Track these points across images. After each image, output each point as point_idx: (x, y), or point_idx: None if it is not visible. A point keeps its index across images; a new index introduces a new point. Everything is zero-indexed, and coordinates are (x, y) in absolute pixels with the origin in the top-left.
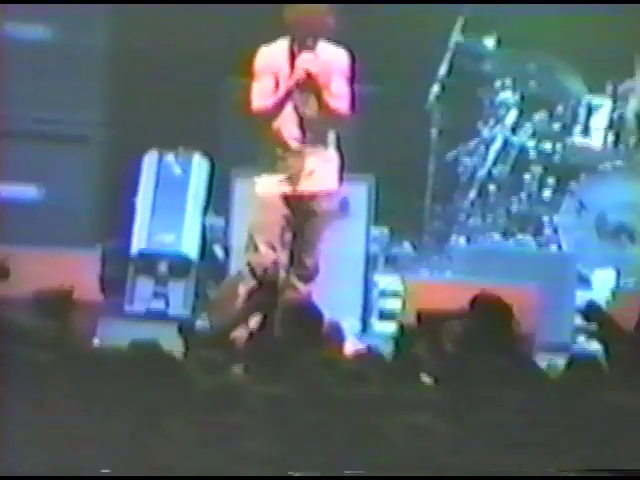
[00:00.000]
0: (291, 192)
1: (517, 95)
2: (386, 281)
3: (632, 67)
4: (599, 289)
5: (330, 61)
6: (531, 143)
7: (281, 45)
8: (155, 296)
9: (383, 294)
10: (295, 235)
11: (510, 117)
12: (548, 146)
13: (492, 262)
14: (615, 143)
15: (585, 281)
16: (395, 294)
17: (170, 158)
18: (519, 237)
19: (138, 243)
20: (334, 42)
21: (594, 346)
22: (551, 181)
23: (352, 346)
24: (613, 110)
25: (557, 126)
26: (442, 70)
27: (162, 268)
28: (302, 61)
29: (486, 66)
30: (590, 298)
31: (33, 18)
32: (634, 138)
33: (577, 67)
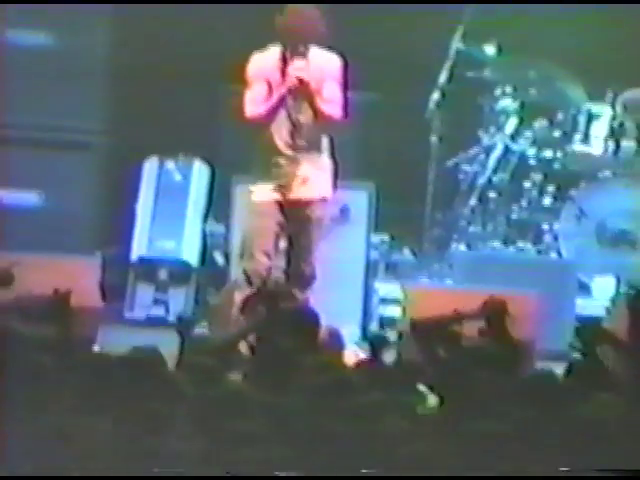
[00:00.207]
0: (285, 199)
1: (517, 103)
2: (386, 288)
3: (632, 75)
4: (599, 297)
5: (322, 66)
6: (531, 151)
7: (273, 52)
8: (155, 303)
9: (383, 301)
10: (291, 242)
11: (510, 125)
12: (548, 154)
13: (492, 269)
14: (615, 151)
15: (585, 289)
16: (395, 301)
17: (170, 165)
18: (519, 244)
19: (138, 249)
20: (330, 48)
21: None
22: (551, 189)
23: (354, 355)
24: (613, 118)
25: (557, 134)
26: (442, 77)
27: (162, 275)
28: (294, 68)
29: (486, 73)
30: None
31: (35, 25)
32: (634, 146)
33: (577, 75)
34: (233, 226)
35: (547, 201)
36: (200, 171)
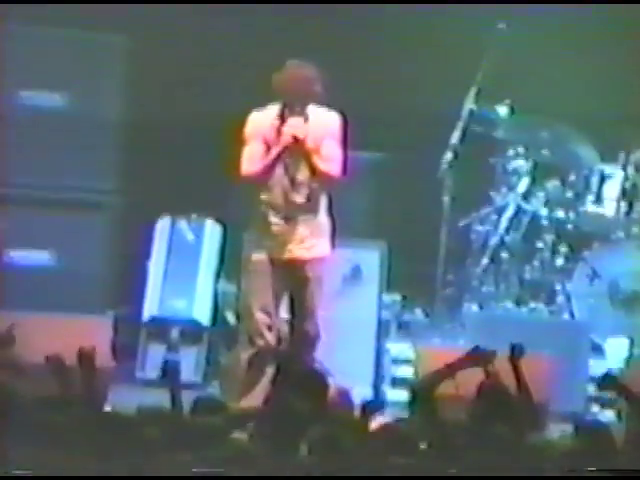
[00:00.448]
0: (282, 258)
1: (530, 163)
2: (398, 348)
3: None
4: (612, 358)
5: (321, 124)
6: (544, 211)
7: (271, 110)
8: (166, 362)
9: (395, 361)
10: (292, 301)
11: (522, 185)
12: (561, 214)
13: (505, 330)
14: (628, 212)
15: (598, 350)
16: (407, 361)
17: (183, 224)
18: (532, 305)
19: (150, 309)
20: (336, 106)
21: (608, 415)
22: (564, 249)
23: (377, 420)
24: (625, 179)
25: (570, 194)
26: (455, 137)
27: (174, 334)
28: (289, 126)
29: (499, 134)
30: (608, 368)
31: (47, 86)
32: None
33: (589, 136)
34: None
35: (559, 261)
36: (212, 230)
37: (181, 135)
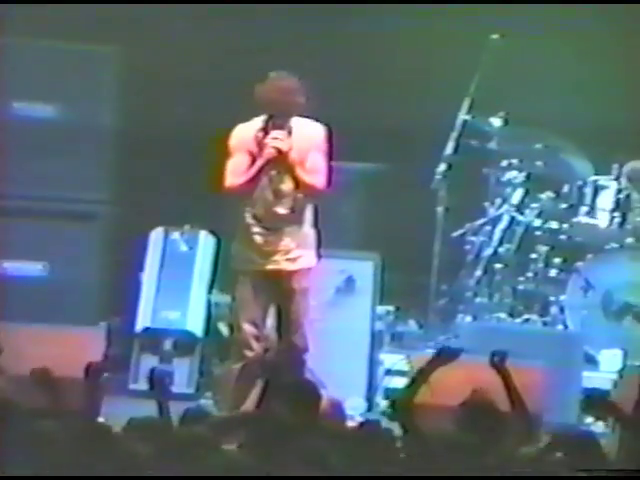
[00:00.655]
0: (268, 270)
1: (523, 174)
2: (391, 359)
3: (638, 148)
4: (606, 369)
5: (306, 137)
6: (537, 222)
7: (256, 123)
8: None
9: (388, 372)
10: (280, 312)
11: (516, 196)
12: (554, 225)
13: (498, 341)
14: (621, 223)
15: (592, 361)
16: (401, 372)
17: (176, 235)
18: (525, 316)
19: (143, 320)
20: (323, 119)
21: (601, 427)
22: (557, 260)
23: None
24: (619, 191)
25: (563, 206)
26: (449, 148)
27: (167, 345)
28: (272, 139)
29: (493, 145)
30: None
31: (39, 98)
32: None
33: (583, 147)
34: None
35: (553, 273)
36: (205, 241)
37: (174, 146)
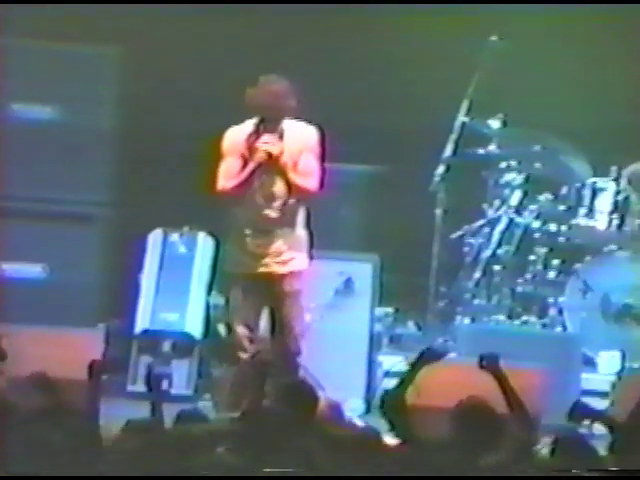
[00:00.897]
0: (260, 272)
1: (522, 176)
2: (390, 361)
3: (637, 150)
4: (604, 371)
5: (298, 139)
6: (536, 224)
7: (248, 126)
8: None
9: (387, 374)
10: (273, 315)
11: (515, 198)
12: (553, 227)
13: (497, 343)
14: (620, 225)
15: (590, 363)
16: (399, 374)
17: (175, 237)
18: (524, 318)
19: (142, 322)
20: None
21: (600, 429)
22: (556, 262)
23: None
24: (617, 193)
25: (562, 207)
26: (447, 150)
27: (166, 347)
28: (262, 143)
29: (491, 147)
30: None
31: (38, 99)
32: (639, 220)
33: (582, 149)
34: None
35: (552, 274)
36: (204, 243)
37: (173, 148)
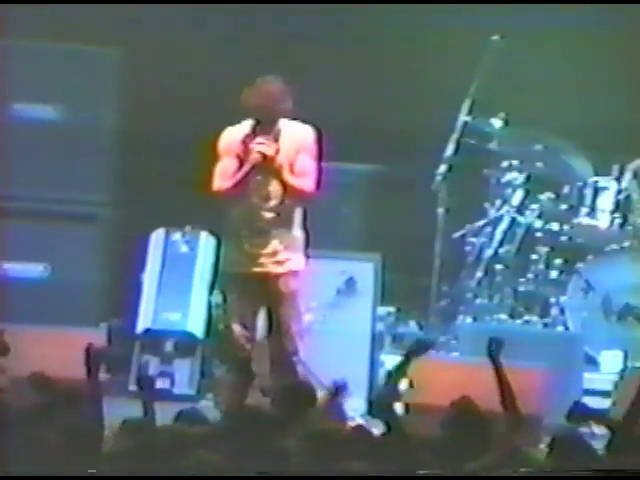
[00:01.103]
0: (257, 272)
1: (524, 175)
2: (392, 360)
3: (638, 150)
4: (607, 370)
5: (294, 139)
6: (538, 223)
7: (244, 126)
8: (160, 375)
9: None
10: (270, 314)
11: (517, 197)
12: (555, 226)
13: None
14: (622, 224)
15: (592, 362)
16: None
17: (177, 237)
18: (526, 317)
19: (144, 321)
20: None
21: (602, 429)
22: (558, 261)
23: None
24: (619, 192)
25: (564, 207)
26: (449, 150)
27: (168, 347)
28: (257, 144)
29: (493, 146)
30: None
31: (41, 99)
32: None
33: (584, 149)
34: None
35: (554, 274)
36: (206, 242)
37: (175, 147)
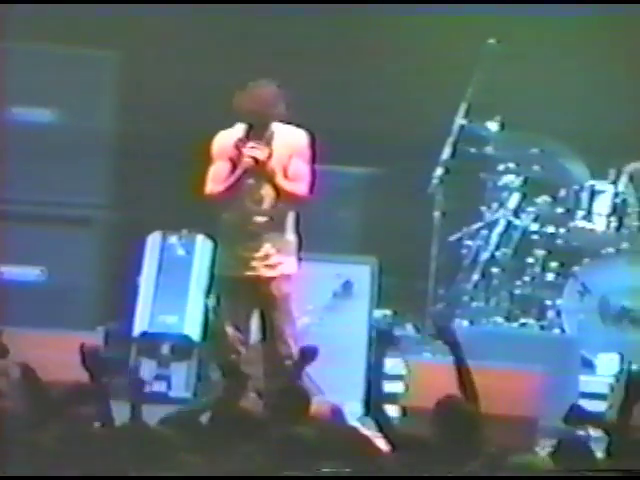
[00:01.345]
0: (249, 276)
1: (520, 179)
2: (389, 363)
3: (635, 152)
4: (603, 373)
5: (287, 143)
6: (534, 226)
7: (237, 130)
8: (157, 378)
9: (386, 377)
10: (263, 318)
11: (513, 200)
12: (551, 230)
13: (495, 345)
14: (618, 228)
15: (589, 365)
16: (398, 377)
17: (173, 239)
18: (522, 320)
19: (141, 325)
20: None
21: (597, 432)
22: (554, 264)
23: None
24: (615, 196)
25: (560, 210)
26: (445, 153)
27: (164, 350)
28: (249, 149)
29: (489, 150)
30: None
31: (37, 103)
32: (637, 223)
33: (580, 152)
34: None
35: (550, 277)
36: (203, 245)
37: (172, 150)
